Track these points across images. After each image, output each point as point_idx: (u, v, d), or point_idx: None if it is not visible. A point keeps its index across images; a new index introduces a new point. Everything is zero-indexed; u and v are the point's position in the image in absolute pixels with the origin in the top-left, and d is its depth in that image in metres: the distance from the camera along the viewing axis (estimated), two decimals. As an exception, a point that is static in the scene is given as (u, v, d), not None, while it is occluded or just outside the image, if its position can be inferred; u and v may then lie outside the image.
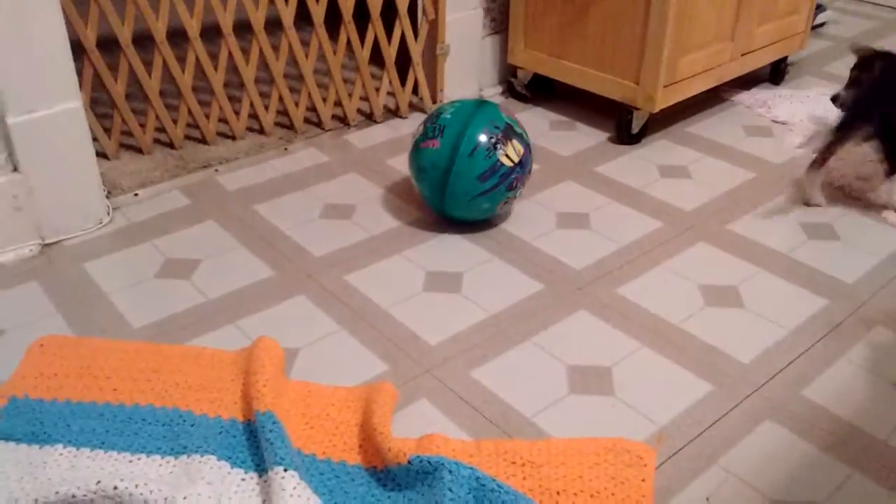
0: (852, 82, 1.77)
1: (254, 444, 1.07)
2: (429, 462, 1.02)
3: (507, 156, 1.48)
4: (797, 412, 1.18)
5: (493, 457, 1.07)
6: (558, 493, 1.02)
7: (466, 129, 1.49)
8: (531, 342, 1.32)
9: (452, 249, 1.56)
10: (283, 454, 1.01)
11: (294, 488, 0.98)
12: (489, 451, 1.08)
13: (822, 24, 2.76)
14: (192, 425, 1.10)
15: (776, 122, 2.11)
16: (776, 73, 2.33)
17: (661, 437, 1.13)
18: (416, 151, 1.56)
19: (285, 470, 0.99)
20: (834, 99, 1.80)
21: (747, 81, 2.29)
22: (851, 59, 1.82)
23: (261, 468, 1.05)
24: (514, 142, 1.51)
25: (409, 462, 1.03)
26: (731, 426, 1.15)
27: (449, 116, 1.52)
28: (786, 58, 2.30)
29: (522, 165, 1.53)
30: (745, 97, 2.24)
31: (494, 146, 1.48)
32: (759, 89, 2.28)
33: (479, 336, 1.33)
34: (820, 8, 2.67)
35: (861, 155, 1.61)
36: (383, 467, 1.06)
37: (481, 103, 1.55)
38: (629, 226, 1.64)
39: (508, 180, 1.52)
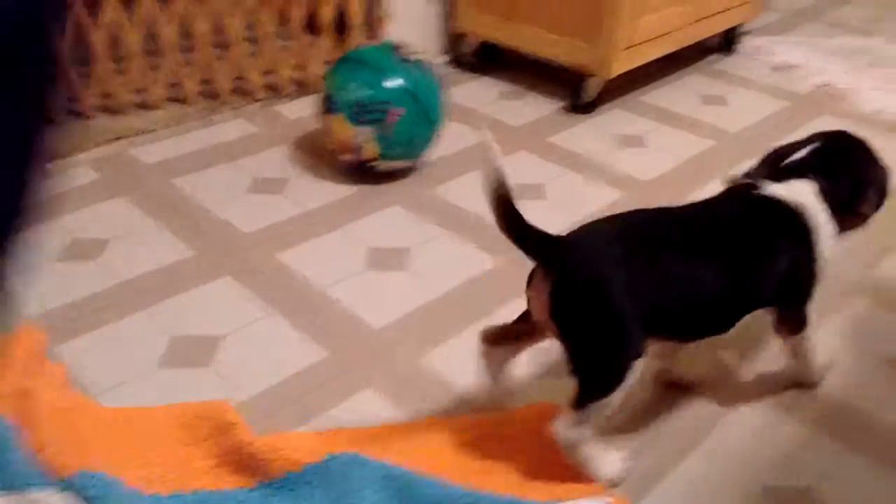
0: None
1: None
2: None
3: None
4: (781, 390, 1.08)
5: None
6: None
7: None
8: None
9: (397, 223, 1.41)
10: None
11: None
12: None
13: (770, -4, 2.70)
14: None
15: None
16: (728, 43, 2.25)
17: None
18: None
19: None
20: None
21: (698, 52, 2.21)
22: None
23: None
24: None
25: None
26: (709, 410, 1.04)
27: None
28: (737, 27, 2.22)
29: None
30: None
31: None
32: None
33: (431, 317, 1.19)
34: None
35: None
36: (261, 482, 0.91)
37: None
38: (587, 196, 1.52)
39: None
